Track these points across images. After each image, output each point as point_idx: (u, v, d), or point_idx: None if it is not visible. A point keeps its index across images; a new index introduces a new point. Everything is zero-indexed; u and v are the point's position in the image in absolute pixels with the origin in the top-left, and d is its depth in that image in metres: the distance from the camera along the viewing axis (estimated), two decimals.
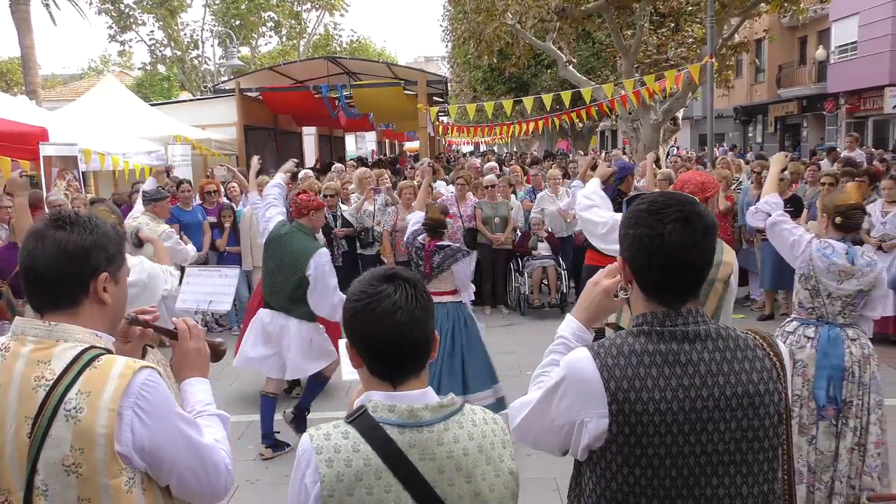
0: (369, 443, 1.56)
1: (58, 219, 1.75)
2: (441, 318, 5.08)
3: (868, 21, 23.70)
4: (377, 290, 1.62)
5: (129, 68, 42.45)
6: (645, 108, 15.57)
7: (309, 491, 1.56)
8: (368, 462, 1.55)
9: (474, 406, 1.70)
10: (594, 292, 1.90)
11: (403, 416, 1.58)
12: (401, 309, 1.59)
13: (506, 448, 1.66)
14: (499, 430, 1.67)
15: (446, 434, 1.59)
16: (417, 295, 1.63)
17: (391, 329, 1.59)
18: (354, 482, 1.54)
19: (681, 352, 1.64)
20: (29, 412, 1.62)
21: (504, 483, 1.63)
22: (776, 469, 1.70)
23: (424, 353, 1.65)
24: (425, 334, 1.63)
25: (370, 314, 1.60)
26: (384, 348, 1.61)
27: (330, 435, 1.59)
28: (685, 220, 1.65)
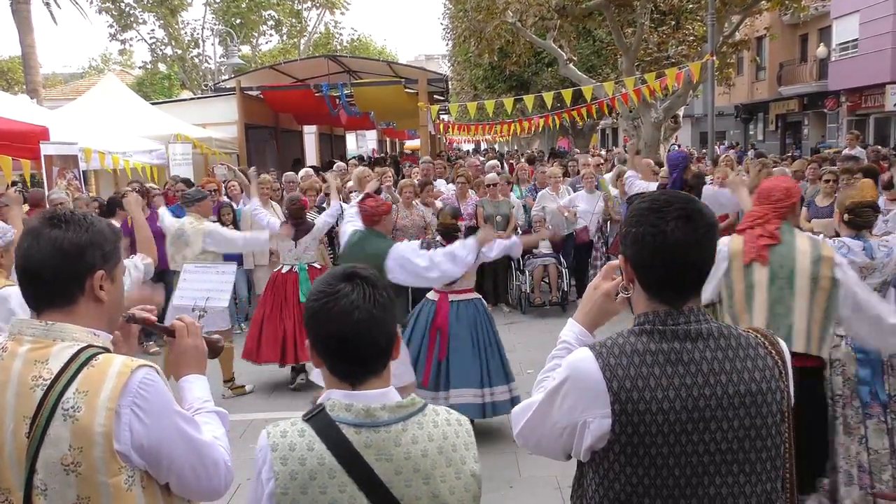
0: (324, 442, 1.55)
1: (53, 217, 1.75)
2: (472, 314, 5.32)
3: (869, 18, 23.67)
4: (335, 290, 1.60)
5: (130, 67, 42.43)
6: (646, 106, 15.55)
7: (264, 488, 1.56)
8: (322, 461, 1.54)
9: (438, 407, 1.68)
10: (595, 296, 1.89)
11: (360, 416, 1.57)
12: (358, 308, 1.58)
13: (468, 450, 1.64)
14: (462, 432, 1.65)
15: (404, 435, 1.58)
16: (376, 294, 1.61)
17: (349, 328, 1.58)
18: (308, 481, 1.54)
19: (683, 351, 1.63)
20: (27, 412, 1.62)
21: (465, 485, 1.61)
22: (779, 468, 1.69)
23: (384, 353, 1.64)
24: (385, 333, 1.62)
25: (327, 313, 1.59)
26: (342, 347, 1.60)
27: (286, 432, 1.58)
28: (687, 217, 1.64)
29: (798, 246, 3.44)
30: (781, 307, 3.40)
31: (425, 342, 5.27)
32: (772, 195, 3.58)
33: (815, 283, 3.35)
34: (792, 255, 3.42)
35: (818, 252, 3.39)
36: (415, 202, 8.95)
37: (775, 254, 3.46)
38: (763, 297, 3.45)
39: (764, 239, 3.50)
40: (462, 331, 5.25)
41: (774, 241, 3.48)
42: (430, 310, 5.35)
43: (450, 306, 5.28)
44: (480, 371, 5.21)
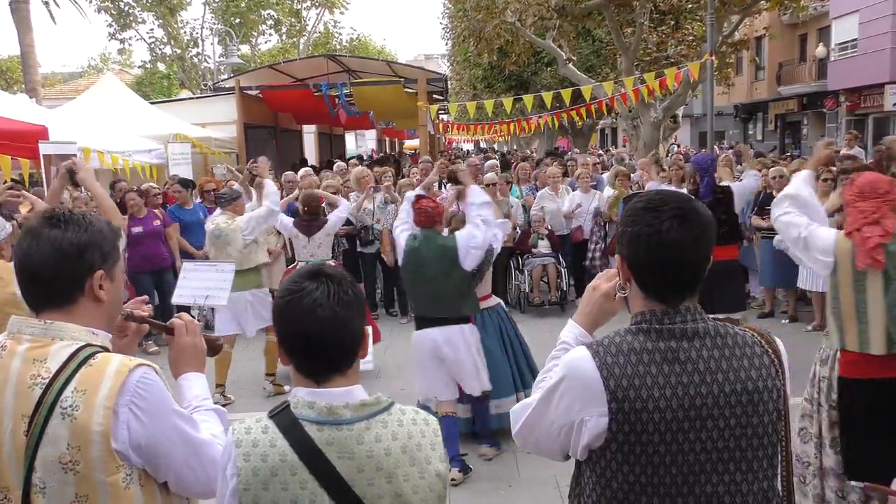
0: (287, 439, 1.56)
1: (52, 217, 1.75)
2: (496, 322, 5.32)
3: (868, 18, 23.68)
4: (299, 287, 1.61)
5: (129, 66, 42.42)
6: (645, 106, 15.57)
7: (228, 483, 1.57)
8: (284, 458, 1.55)
9: (406, 407, 1.68)
10: (594, 296, 1.89)
11: (322, 414, 1.57)
12: (321, 306, 1.58)
13: (434, 450, 1.64)
14: (429, 432, 1.65)
15: (368, 433, 1.58)
16: (341, 292, 1.61)
17: (312, 326, 1.58)
18: (270, 477, 1.55)
19: (679, 349, 1.63)
20: (25, 410, 1.63)
21: (429, 485, 1.61)
22: (776, 466, 1.70)
23: (349, 351, 1.64)
24: (349, 332, 1.62)
25: (291, 311, 1.60)
26: (305, 345, 1.60)
27: (251, 429, 1.60)
28: (682, 217, 1.64)
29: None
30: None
31: None
32: (878, 188, 3.44)
33: None
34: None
35: None
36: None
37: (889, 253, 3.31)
38: (879, 302, 3.32)
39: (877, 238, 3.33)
40: (490, 341, 5.14)
41: (888, 238, 3.32)
42: None
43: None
44: (513, 377, 5.19)
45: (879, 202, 3.41)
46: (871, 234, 3.36)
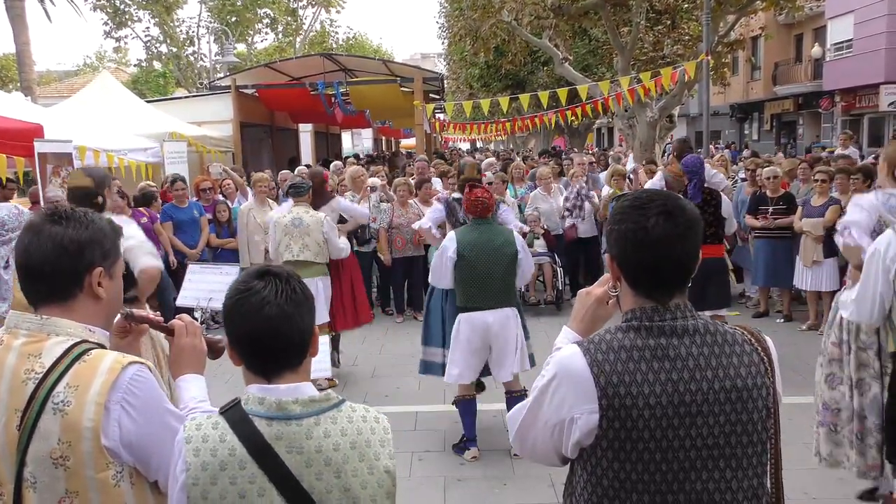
0: (236, 433, 1.58)
1: (53, 214, 1.76)
2: None
3: (863, 19, 23.75)
4: (248, 287, 1.64)
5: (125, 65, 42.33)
6: (641, 105, 15.58)
7: (177, 479, 1.59)
8: (233, 452, 1.57)
9: (356, 405, 1.70)
10: (587, 301, 1.91)
11: (272, 409, 1.60)
12: (269, 304, 1.61)
13: (384, 447, 1.66)
14: (379, 429, 1.67)
15: (317, 429, 1.60)
16: (289, 290, 1.64)
17: (259, 324, 1.61)
18: (218, 471, 1.57)
19: (669, 346, 1.64)
20: (18, 405, 1.64)
21: (378, 481, 1.63)
22: (765, 463, 1.71)
23: (297, 348, 1.66)
24: (297, 329, 1.64)
25: (239, 310, 1.63)
26: (253, 343, 1.63)
27: (201, 425, 1.62)
28: (668, 213, 1.65)
29: None
30: None
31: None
32: None
33: None
34: None
35: None
36: (410, 200, 8.97)
37: None
38: None
39: None
40: None
41: None
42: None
43: None
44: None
45: None
46: None
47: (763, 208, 8.17)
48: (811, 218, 7.58)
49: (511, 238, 4.95)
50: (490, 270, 4.86)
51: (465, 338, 4.92)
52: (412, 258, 8.88)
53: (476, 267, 4.87)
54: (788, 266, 7.99)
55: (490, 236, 4.91)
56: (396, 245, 8.83)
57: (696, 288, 6.01)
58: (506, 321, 4.90)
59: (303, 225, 6.22)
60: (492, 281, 4.87)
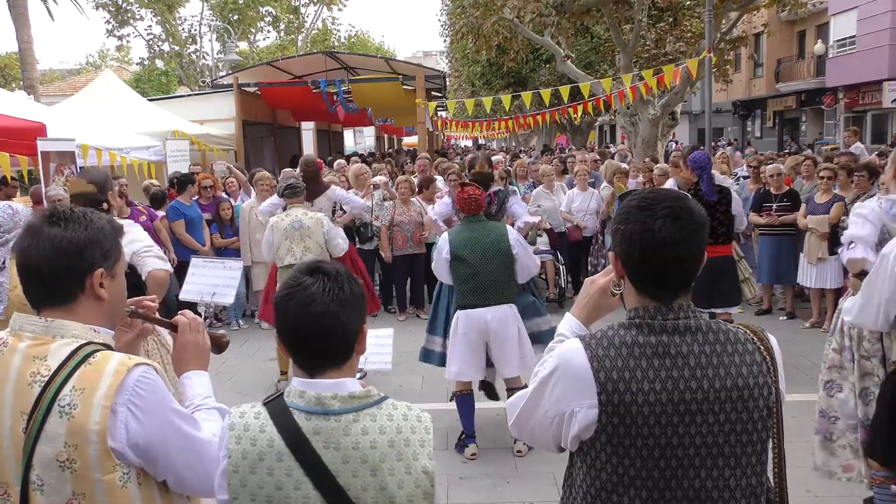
0: (276, 425, 1.60)
1: (53, 215, 1.75)
2: None
3: (867, 15, 23.69)
4: (297, 282, 1.65)
5: (127, 63, 42.37)
6: (643, 103, 15.55)
7: (219, 465, 1.63)
8: (272, 443, 1.58)
9: (399, 402, 1.70)
10: (591, 290, 1.92)
11: (311, 403, 1.61)
12: (315, 301, 1.61)
13: (424, 447, 1.65)
14: (420, 429, 1.66)
15: (355, 425, 1.60)
16: (336, 288, 1.64)
17: (305, 320, 1.62)
18: (257, 461, 1.58)
19: (671, 344, 1.65)
20: (25, 407, 1.64)
21: (416, 481, 1.62)
22: (764, 462, 1.72)
23: (341, 346, 1.66)
24: (342, 327, 1.64)
25: (286, 305, 1.63)
26: (297, 339, 1.64)
27: (244, 413, 1.64)
28: (675, 215, 1.66)
29: None
30: None
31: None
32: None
33: None
34: None
35: None
36: (412, 198, 8.97)
37: None
38: None
39: None
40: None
41: None
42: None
43: None
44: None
45: None
46: None
47: (767, 205, 8.16)
48: (815, 215, 7.57)
49: (503, 233, 4.96)
50: (484, 268, 4.88)
51: (463, 334, 4.93)
52: (413, 256, 8.89)
53: (471, 265, 4.89)
54: (792, 263, 7.98)
55: (482, 234, 4.93)
56: (397, 243, 8.83)
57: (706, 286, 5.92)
58: (504, 319, 4.90)
59: (303, 227, 6.21)
60: (487, 278, 4.88)
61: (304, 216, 6.28)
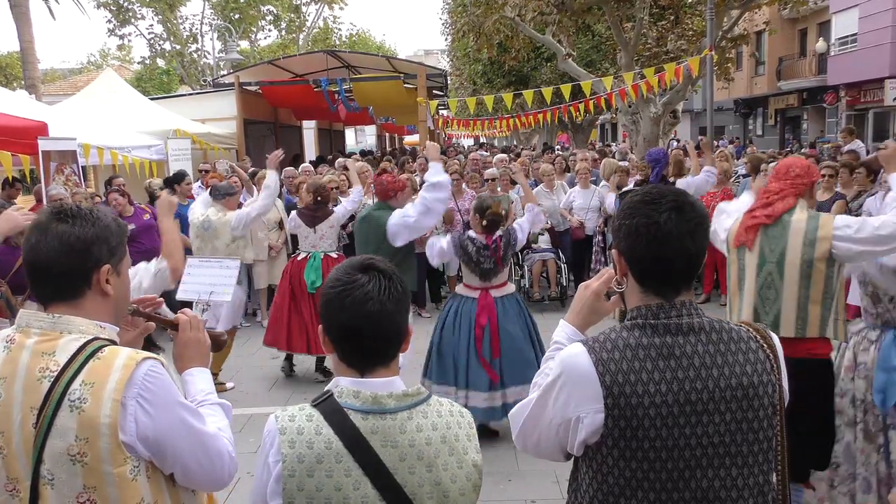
0: (332, 426, 1.59)
1: (60, 212, 1.77)
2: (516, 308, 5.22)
3: (868, 13, 23.64)
4: (352, 279, 1.64)
5: (129, 62, 42.40)
6: (644, 101, 15.55)
7: (271, 470, 1.60)
8: (330, 445, 1.58)
9: (442, 398, 1.72)
10: (585, 295, 1.91)
11: (367, 403, 1.61)
12: (372, 299, 1.62)
13: (471, 441, 1.68)
14: (465, 424, 1.70)
15: (410, 423, 1.62)
16: (391, 287, 1.65)
17: (361, 318, 1.62)
18: (315, 464, 1.58)
19: (675, 345, 1.65)
20: (34, 403, 1.65)
21: (467, 475, 1.65)
22: (771, 461, 1.71)
23: (394, 345, 1.68)
24: (395, 326, 1.66)
25: (341, 302, 1.63)
26: (353, 336, 1.64)
27: (294, 417, 1.63)
28: (679, 209, 1.66)
29: (793, 226, 3.36)
30: (771, 291, 3.37)
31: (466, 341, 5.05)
32: (791, 171, 3.49)
33: (808, 266, 3.29)
34: (785, 236, 3.36)
35: (815, 233, 3.29)
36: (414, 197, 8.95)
37: (767, 236, 3.41)
38: (752, 280, 3.42)
39: (756, 219, 3.45)
40: (513, 325, 5.08)
41: (768, 220, 3.42)
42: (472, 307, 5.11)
43: (495, 302, 5.10)
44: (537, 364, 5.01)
45: (788, 184, 3.47)
46: (758, 214, 3.47)
47: None
48: None
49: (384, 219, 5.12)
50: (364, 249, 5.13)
51: None
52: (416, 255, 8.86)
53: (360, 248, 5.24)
54: None
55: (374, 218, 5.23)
56: None
57: None
58: None
59: (211, 228, 6.33)
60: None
61: (215, 215, 6.34)
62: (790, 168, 3.52)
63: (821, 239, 3.28)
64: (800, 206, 3.43)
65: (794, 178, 3.47)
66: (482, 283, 5.14)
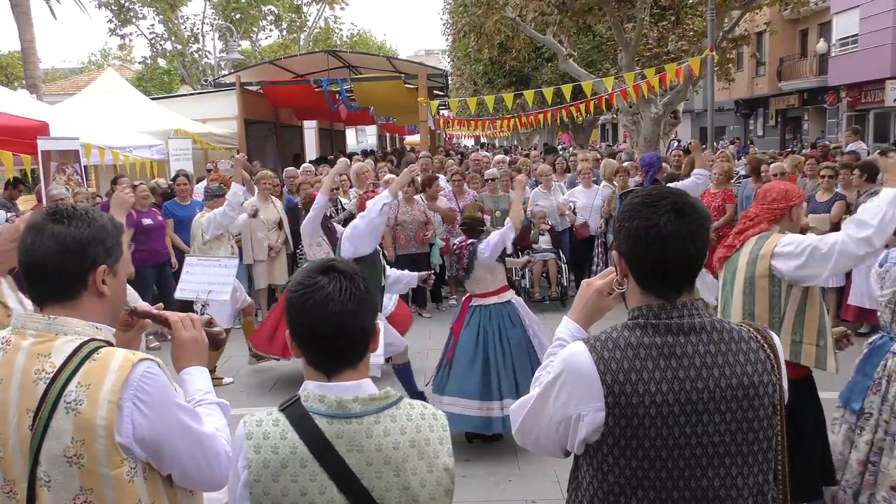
0: (297, 431, 1.58)
1: (55, 212, 1.76)
2: (484, 321, 4.98)
3: (869, 14, 23.64)
4: (312, 282, 1.63)
5: (130, 62, 42.38)
6: (645, 101, 15.55)
7: (239, 475, 1.60)
8: (295, 450, 1.57)
9: (414, 401, 1.70)
10: (588, 292, 1.91)
11: (332, 407, 1.60)
12: (333, 301, 1.60)
13: (442, 444, 1.66)
14: (437, 426, 1.68)
15: (377, 427, 1.60)
16: (353, 287, 1.63)
17: (323, 321, 1.60)
18: (280, 469, 1.57)
19: (676, 344, 1.65)
20: (30, 405, 1.64)
21: (437, 479, 1.63)
22: (771, 460, 1.71)
23: (359, 346, 1.66)
24: (360, 326, 1.64)
25: (303, 305, 1.62)
26: (317, 339, 1.63)
27: (261, 422, 1.62)
28: (679, 211, 1.66)
29: (744, 248, 3.45)
30: (726, 311, 3.47)
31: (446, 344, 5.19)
32: (767, 196, 3.52)
33: (750, 283, 3.36)
34: (737, 258, 3.47)
35: (758, 251, 3.34)
36: (416, 197, 8.96)
37: (730, 260, 3.53)
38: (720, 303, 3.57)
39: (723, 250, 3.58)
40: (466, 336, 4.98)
41: (731, 251, 3.53)
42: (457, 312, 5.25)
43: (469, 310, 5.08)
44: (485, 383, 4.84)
45: (764, 209, 3.50)
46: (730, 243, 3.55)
47: None
48: (817, 213, 7.56)
49: None
50: None
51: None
52: (416, 255, 8.88)
53: None
54: None
55: None
56: (400, 242, 8.83)
57: None
58: None
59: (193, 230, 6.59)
60: None
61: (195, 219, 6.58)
62: (767, 193, 3.56)
63: (761, 257, 3.34)
64: (775, 232, 3.43)
65: (770, 202, 3.49)
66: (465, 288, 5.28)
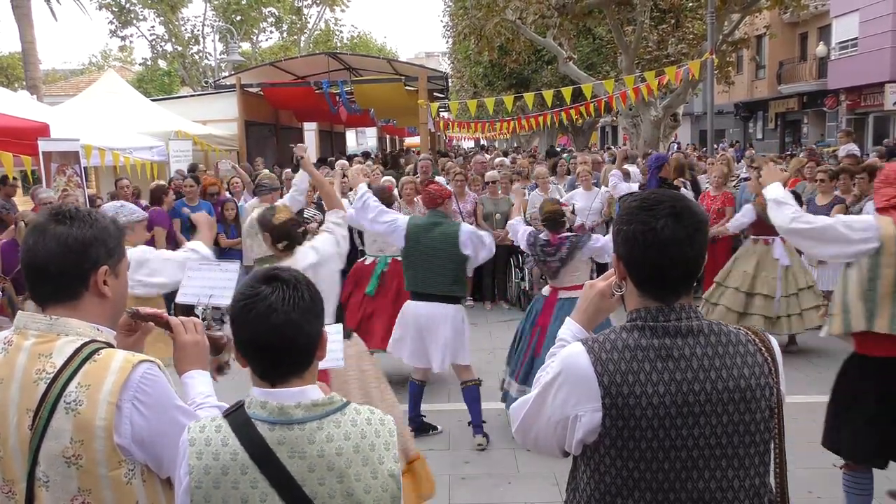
0: (239, 438, 1.57)
1: (58, 213, 1.77)
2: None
3: (868, 17, 23.68)
4: (254, 292, 1.61)
5: (130, 64, 42.38)
6: (645, 104, 15.57)
7: (181, 482, 1.59)
8: (235, 457, 1.56)
9: (361, 406, 1.68)
10: (591, 294, 1.92)
11: (274, 414, 1.59)
12: (276, 311, 1.58)
13: (389, 450, 1.64)
14: (384, 432, 1.65)
15: (319, 433, 1.58)
16: (296, 296, 1.61)
17: (266, 331, 1.59)
18: (221, 475, 1.56)
19: (673, 346, 1.66)
20: (30, 405, 1.65)
21: (382, 485, 1.61)
22: (768, 463, 1.72)
23: (304, 355, 1.64)
24: (304, 336, 1.62)
25: (246, 316, 1.60)
26: (258, 350, 1.61)
27: (204, 428, 1.61)
28: (677, 215, 1.67)
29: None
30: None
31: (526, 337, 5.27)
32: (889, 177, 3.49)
33: None
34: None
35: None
36: (416, 199, 8.96)
37: None
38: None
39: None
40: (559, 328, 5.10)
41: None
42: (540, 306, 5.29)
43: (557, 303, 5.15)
44: None
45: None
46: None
47: None
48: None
49: (453, 235, 4.98)
50: (424, 263, 5.01)
51: (403, 322, 5.14)
52: None
53: (413, 255, 5.06)
54: None
55: (431, 230, 5.03)
56: None
57: None
58: (434, 316, 5.00)
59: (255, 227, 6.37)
60: (426, 273, 5.01)
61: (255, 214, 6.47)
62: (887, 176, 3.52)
63: None
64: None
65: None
66: (551, 282, 5.31)
